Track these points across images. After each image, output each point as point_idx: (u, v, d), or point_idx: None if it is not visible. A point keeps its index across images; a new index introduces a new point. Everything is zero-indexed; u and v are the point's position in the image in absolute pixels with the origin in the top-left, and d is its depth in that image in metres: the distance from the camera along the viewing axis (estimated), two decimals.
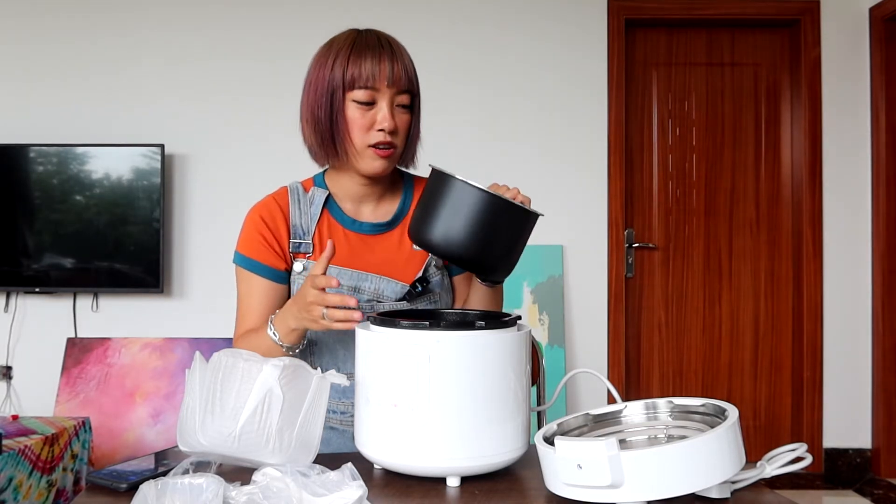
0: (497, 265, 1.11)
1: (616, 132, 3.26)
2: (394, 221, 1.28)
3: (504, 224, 1.06)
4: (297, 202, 1.26)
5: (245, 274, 1.26)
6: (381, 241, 1.27)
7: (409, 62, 1.21)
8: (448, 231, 1.05)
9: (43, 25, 3.25)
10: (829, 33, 3.29)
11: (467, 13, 3.25)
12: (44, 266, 3.12)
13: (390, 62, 1.17)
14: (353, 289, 1.22)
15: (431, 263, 1.26)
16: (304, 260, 1.23)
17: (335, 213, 1.27)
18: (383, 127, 1.17)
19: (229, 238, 1.25)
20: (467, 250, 1.06)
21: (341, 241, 1.24)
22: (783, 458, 0.92)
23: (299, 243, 1.24)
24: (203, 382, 0.94)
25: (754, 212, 3.40)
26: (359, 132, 1.18)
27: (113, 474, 0.97)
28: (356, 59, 1.17)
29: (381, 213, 1.29)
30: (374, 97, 1.17)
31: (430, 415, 0.93)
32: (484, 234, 1.04)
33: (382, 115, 1.17)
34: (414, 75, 1.21)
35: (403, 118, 1.20)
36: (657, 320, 3.41)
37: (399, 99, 1.18)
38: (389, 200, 1.30)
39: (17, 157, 3.11)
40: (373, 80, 1.16)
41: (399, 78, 1.17)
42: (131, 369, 3.04)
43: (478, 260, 1.08)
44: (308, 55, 1.26)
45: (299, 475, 0.84)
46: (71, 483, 2.21)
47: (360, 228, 1.26)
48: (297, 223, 1.25)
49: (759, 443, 3.34)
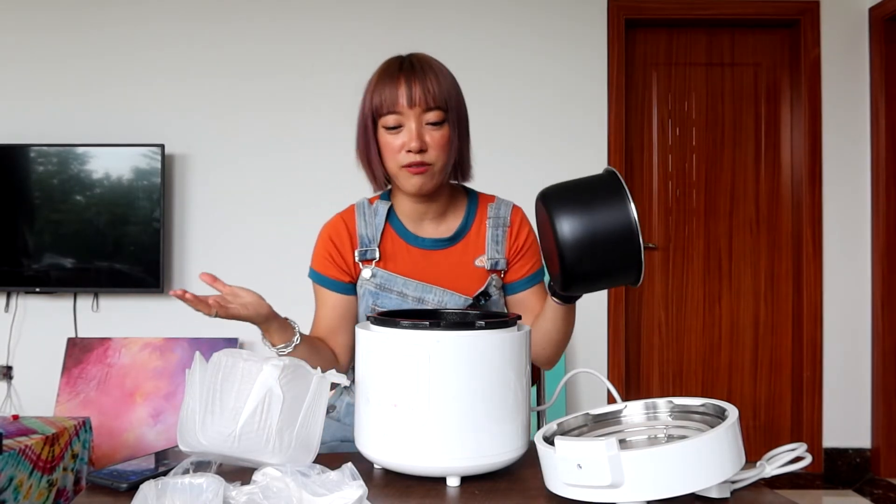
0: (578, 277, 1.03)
1: (616, 132, 3.26)
2: (456, 237, 1.32)
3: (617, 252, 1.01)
4: (363, 215, 1.34)
5: (316, 287, 1.35)
6: (444, 255, 1.32)
7: (435, 79, 1.23)
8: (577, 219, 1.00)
9: (43, 25, 3.25)
10: (829, 33, 3.29)
11: (467, 13, 3.25)
12: (44, 266, 3.12)
13: (408, 84, 1.21)
14: (418, 300, 1.28)
15: (492, 283, 1.30)
16: (371, 266, 1.30)
17: (397, 229, 1.33)
18: (410, 147, 1.21)
19: (229, 238, 1.26)
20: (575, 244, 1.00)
21: (404, 255, 1.31)
22: (783, 458, 0.92)
23: (365, 251, 1.31)
24: (203, 382, 0.94)
25: (754, 212, 3.40)
26: (390, 155, 1.24)
27: (113, 474, 0.97)
28: (378, 88, 1.23)
29: (442, 229, 1.33)
30: (399, 121, 1.22)
31: (430, 415, 0.93)
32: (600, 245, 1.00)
33: (409, 135, 1.22)
34: (441, 92, 1.23)
35: (435, 135, 1.23)
36: (657, 320, 3.41)
37: (427, 117, 1.22)
38: (451, 217, 1.34)
39: (18, 157, 3.12)
40: (393, 104, 1.21)
41: (420, 97, 1.21)
42: (131, 369, 3.05)
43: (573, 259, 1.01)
44: (307, 56, 1.27)
45: (299, 475, 0.84)
46: (71, 483, 2.21)
47: (421, 244, 1.32)
48: (363, 233, 1.32)
49: (758, 443, 3.34)
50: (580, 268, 1.01)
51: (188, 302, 1.10)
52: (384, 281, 1.29)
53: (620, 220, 1.00)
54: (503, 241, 1.33)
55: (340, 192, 3.29)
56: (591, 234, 0.99)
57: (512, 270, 1.34)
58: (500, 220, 1.34)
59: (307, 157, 3.20)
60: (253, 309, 1.15)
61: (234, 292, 1.16)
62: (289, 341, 1.19)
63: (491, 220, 1.33)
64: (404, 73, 1.23)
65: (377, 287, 1.29)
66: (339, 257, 1.32)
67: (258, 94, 3.22)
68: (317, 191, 3.19)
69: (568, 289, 1.06)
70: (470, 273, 1.30)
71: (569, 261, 1.00)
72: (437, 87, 1.23)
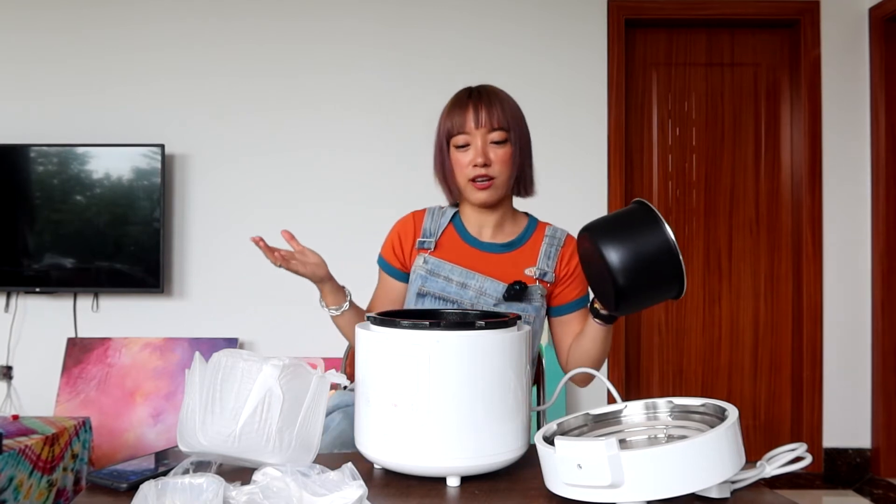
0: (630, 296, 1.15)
1: (616, 132, 3.26)
2: (512, 245, 1.48)
3: (664, 272, 1.14)
4: (433, 214, 1.52)
5: (379, 271, 1.54)
6: (497, 258, 1.46)
7: (499, 104, 1.41)
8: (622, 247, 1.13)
9: (43, 25, 3.25)
10: (829, 33, 3.29)
11: (467, 13, 3.25)
12: (44, 266, 3.12)
13: (475, 108, 1.40)
14: (461, 284, 1.42)
15: (538, 290, 1.43)
16: (424, 255, 1.46)
17: (459, 230, 1.49)
18: (476, 162, 1.39)
19: (230, 238, 1.27)
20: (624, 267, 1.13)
21: (459, 250, 1.47)
22: (783, 458, 0.92)
23: (424, 241, 1.48)
24: (203, 382, 0.94)
25: (754, 212, 3.40)
26: (459, 170, 1.42)
27: (113, 474, 0.97)
28: (451, 114, 1.43)
29: (501, 235, 1.49)
30: (467, 140, 1.40)
31: (430, 415, 0.93)
32: (645, 267, 1.13)
33: (475, 151, 1.39)
34: (503, 115, 1.40)
35: (498, 152, 1.40)
36: (657, 320, 3.41)
37: (492, 136, 1.40)
38: (510, 229, 1.50)
39: (18, 158, 3.12)
40: (462, 125, 1.40)
41: (486, 120, 1.39)
42: (131, 369, 3.05)
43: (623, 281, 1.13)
44: (308, 56, 1.27)
45: (299, 475, 0.84)
46: (71, 483, 2.21)
47: (478, 245, 1.47)
48: (427, 227, 1.50)
49: (758, 443, 3.34)
50: (631, 289, 1.14)
51: (262, 248, 1.30)
52: (434, 266, 1.44)
53: (659, 242, 1.13)
54: (555, 258, 1.47)
55: (340, 191, 3.30)
56: (637, 257, 1.13)
57: (562, 294, 1.47)
58: (555, 239, 1.49)
59: (307, 157, 3.20)
60: (311, 269, 1.35)
61: (304, 251, 1.36)
62: (339, 305, 1.39)
63: (547, 239, 1.48)
64: (472, 100, 1.41)
65: (427, 272, 1.43)
66: (399, 249, 1.49)
67: (258, 94, 3.22)
68: (316, 190, 3.19)
69: (619, 308, 1.19)
70: (516, 276, 1.43)
71: (621, 284, 1.13)
72: (501, 112, 1.40)
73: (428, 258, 1.45)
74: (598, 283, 1.23)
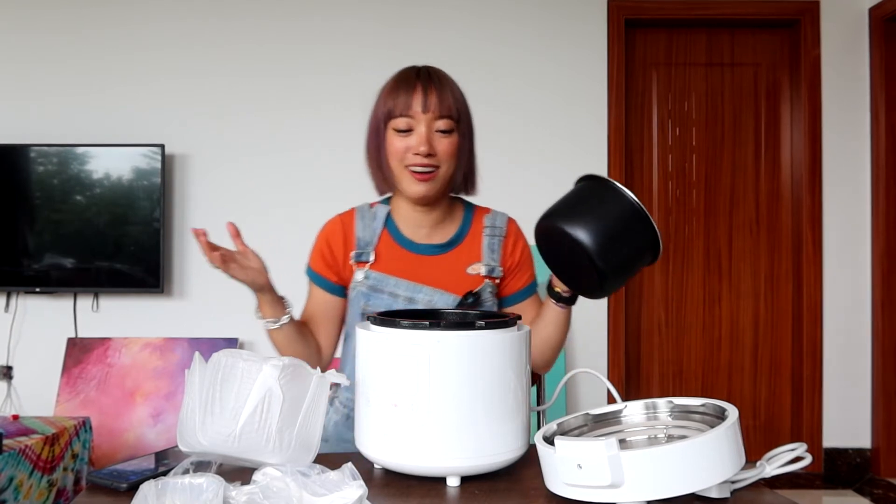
0: (611, 274, 1.08)
1: (616, 132, 3.26)
2: (450, 244, 1.35)
3: (637, 239, 1.07)
4: (363, 218, 1.37)
5: (310, 283, 1.40)
6: (437, 261, 1.34)
7: (449, 90, 1.28)
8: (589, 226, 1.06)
9: (43, 25, 3.25)
10: (829, 33, 3.29)
11: (467, 13, 3.25)
12: (44, 266, 3.12)
13: (424, 91, 1.26)
14: (409, 299, 1.30)
15: (487, 288, 1.33)
16: (364, 269, 1.32)
17: (394, 234, 1.35)
18: (419, 150, 1.25)
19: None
20: (599, 248, 1.05)
21: (398, 258, 1.33)
22: (783, 458, 0.92)
23: (360, 253, 1.34)
24: (203, 383, 0.94)
25: (754, 212, 3.40)
26: (396, 155, 1.28)
27: (113, 474, 0.97)
28: (394, 93, 1.28)
29: (437, 236, 1.36)
30: (410, 124, 1.26)
31: (430, 415, 0.93)
32: (618, 239, 1.06)
33: (418, 138, 1.26)
34: (453, 102, 1.28)
35: (444, 142, 1.27)
36: (657, 320, 3.41)
37: (438, 124, 1.26)
38: (447, 225, 1.37)
39: (18, 158, 3.12)
40: (406, 107, 1.26)
41: (435, 105, 1.25)
42: (131, 369, 3.05)
43: (601, 261, 1.06)
44: (308, 56, 1.27)
45: (299, 475, 0.84)
46: (71, 483, 2.21)
47: (416, 249, 1.34)
48: (360, 236, 1.35)
49: (758, 443, 3.34)
50: (612, 268, 1.06)
51: (201, 244, 1.17)
52: (376, 282, 1.31)
53: (625, 210, 1.06)
54: (499, 250, 1.36)
55: (340, 191, 3.29)
56: (609, 233, 1.05)
57: (509, 284, 1.38)
58: (496, 229, 1.37)
59: (307, 157, 3.20)
60: (251, 275, 1.22)
61: (245, 254, 1.23)
62: (277, 318, 1.25)
63: (487, 230, 1.37)
64: (421, 80, 1.28)
65: (369, 289, 1.31)
66: (331, 258, 1.35)
67: (258, 94, 3.22)
68: (317, 190, 3.19)
69: (604, 290, 1.11)
70: (461, 279, 1.33)
71: (602, 266, 1.05)
72: (451, 97, 1.28)
73: (369, 273, 1.32)
74: (569, 270, 1.16)
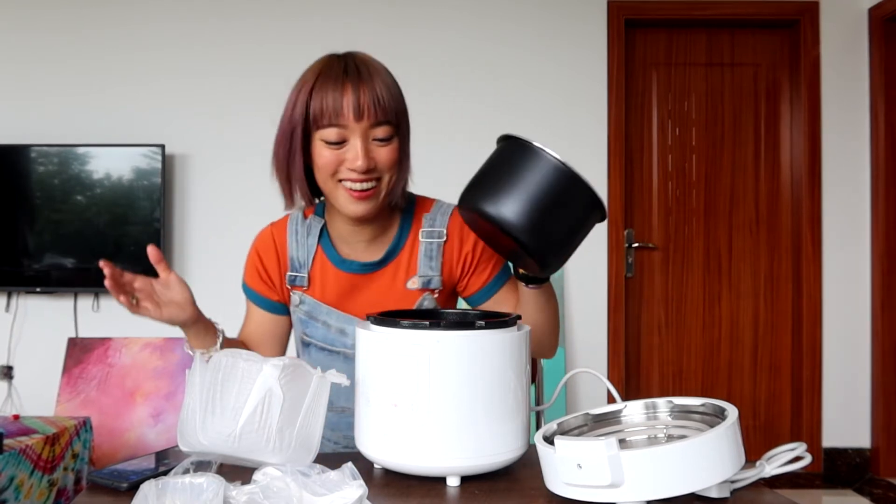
0: (549, 251, 0.96)
1: (616, 132, 3.26)
2: (384, 260, 1.21)
3: (572, 204, 0.94)
4: (296, 233, 1.23)
5: (247, 301, 1.30)
6: (372, 280, 1.21)
7: (385, 87, 1.09)
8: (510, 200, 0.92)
9: (43, 25, 3.25)
10: (829, 33, 3.29)
11: (467, 13, 3.25)
12: (45, 266, 3.12)
13: (355, 92, 1.06)
14: (340, 331, 1.20)
15: (424, 302, 1.20)
16: (300, 293, 1.22)
17: (327, 251, 1.22)
18: (355, 167, 1.07)
19: (229, 238, 1.26)
20: (526, 223, 0.92)
21: (332, 280, 1.21)
22: (782, 458, 0.92)
23: (294, 276, 1.22)
24: (203, 382, 0.94)
25: (754, 212, 3.40)
26: (326, 169, 1.10)
27: (114, 474, 0.97)
28: (319, 94, 1.07)
29: (372, 251, 1.21)
30: (343, 135, 1.07)
31: (430, 415, 0.93)
32: (549, 210, 0.92)
33: (354, 153, 1.07)
34: (391, 102, 1.09)
35: (382, 152, 1.09)
36: (657, 320, 3.41)
37: (376, 132, 1.08)
38: (382, 238, 1.21)
39: (19, 158, 3.12)
40: (336, 115, 1.06)
41: (368, 108, 1.06)
42: (132, 369, 3.05)
43: (534, 238, 0.94)
44: (308, 56, 1.25)
45: (299, 475, 0.84)
46: (72, 482, 2.22)
47: (349, 268, 1.21)
48: (293, 255, 1.22)
49: (758, 442, 3.34)
50: (547, 241, 0.94)
51: (110, 285, 1.02)
52: (311, 309, 1.21)
53: (549, 172, 0.93)
54: (437, 257, 1.19)
55: None
56: (534, 203, 0.92)
57: (472, 281, 1.23)
58: (433, 233, 1.20)
59: None
60: (168, 314, 1.07)
61: (168, 284, 1.09)
62: (207, 348, 1.13)
63: (424, 234, 1.19)
64: (350, 79, 1.07)
65: (306, 315, 1.22)
66: (266, 276, 1.23)
67: (258, 94, 3.22)
68: None
69: (548, 268, 0.99)
70: (400, 296, 1.20)
71: (533, 244, 0.94)
72: (388, 96, 1.08)
73: (304, 298, 1.20)
74: (509, 253, 1.04)
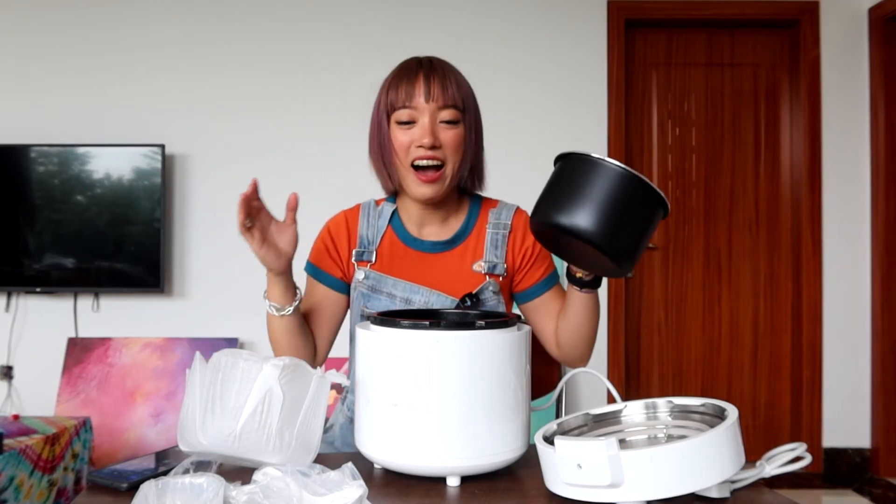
0: (625, 251, 1.02)
1: (616, 132, 3.26)
2: (455, 240, 1.29)
3: (639, 205, 1.01)
4: (367, 215, 1.32)
5: (309, 280, 1.33)
6: (442, 258, 1.29)
7: (455, 80, 1.23)
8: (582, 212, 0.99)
9: (43, 25, 3.25)
10: (829, 33, 3.29)
11: (467, 13, 3.25)
12: (45, 266, 3.12)
13: (426, 80, 1.20)
14: (405, 300, 1.25)
15: (488, 287, 1.26)
16: (365, 269, 1.28)
17: (398, 231, 1.30)
18: (423, 143, 1.19)
19: (230, 238, 1.27)
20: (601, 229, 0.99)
21: (402, 257, 1.28)
22: (782, 458, 0.92)
23: (362, 252, 1.29)
24: (203, 382, 0.94)
25: (754, 212, 3.41)
26: (400, 151, 1.22)
27: (114, 474, 0.97)
28: (395, 85, 1.22)
29: (443, 232, 1.30)
30: (413, 116, 1.20)
31: (430, 415, 0.94)
32: (620, 213, 0.99)
33: (422, 130, 1.20)
34: (459, 91, 1.22)
35: (449, 133, 1.21)
36: (657, 320, 3.41)
37: (443, 115, 1.20)
38: (453, 221, 1.31)
39: (19, 158, 3.12)
40: (409, 98, 1.20)
41: (436, 92, 1.19)
42: (132, 369, 3.05)
43: (610, 241, 1.00)
44: (308, 55, 1.26)
45: (299, 475, 0.84)
46: (72, 482, 2.22)
47: (420, 246, 1.29)
48: (363, 234, 1.30)
49: (758, 442, 3.34)
50: (622, 246, 1.00)
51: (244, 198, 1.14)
52: (375, 282, 1.27)
53: (615, 179, 0.99)
54: (503, 246, 1.29)
55: (340, 191, 3.29)
56: (607, 210, 0.98)
57: (526, 277, 1.30)
58: (500, 224, 1.30)
59: (307, 157, 3.20)
60: (272, 255, 1.16)
61: (283, 231, 1.19)
62: (283, 305, 1.18)
63: (491, 225, 1.30)
64: (423, 70, 1.22)
65: (368, 289, 1.27)
66: (335, 252, 1.30)
67: (258, 94, 3.22)
68: (317, 191, 3.18)
69: (624, 267, 1.04)
70: (467, 277, 1.27)
71: (609, 251, 0.99)
72: (456, 87, 1.22)
73: (369, 272, 1.27)
74: (582, 260, 1.10)
